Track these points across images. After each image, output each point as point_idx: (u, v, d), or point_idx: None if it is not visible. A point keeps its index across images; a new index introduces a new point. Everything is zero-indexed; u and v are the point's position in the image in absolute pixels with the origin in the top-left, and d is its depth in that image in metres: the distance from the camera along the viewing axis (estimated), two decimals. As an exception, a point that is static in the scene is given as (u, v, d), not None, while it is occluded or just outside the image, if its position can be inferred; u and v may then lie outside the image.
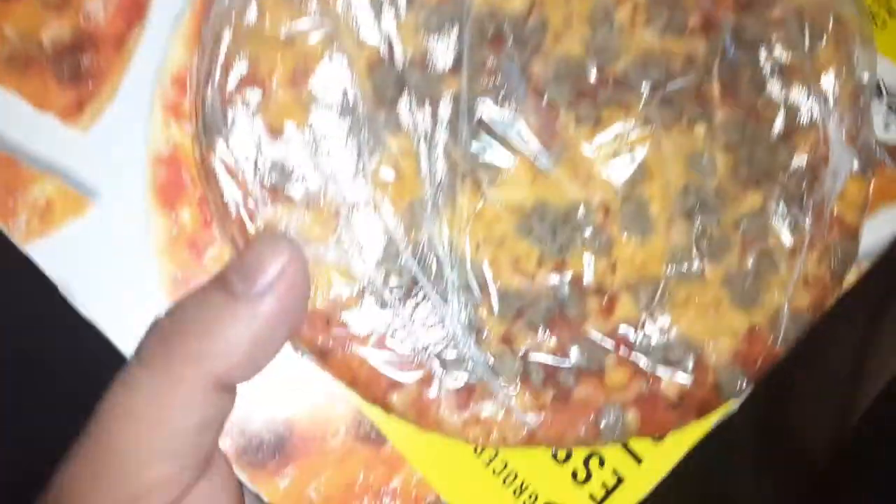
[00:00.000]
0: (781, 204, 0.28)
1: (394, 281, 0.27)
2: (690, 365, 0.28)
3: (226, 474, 0.27)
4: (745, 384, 0.28)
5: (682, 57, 0.28)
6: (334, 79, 0.27)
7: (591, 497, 0.29)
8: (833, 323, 0.29)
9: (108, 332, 0.27)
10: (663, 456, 0.29)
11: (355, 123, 0.27)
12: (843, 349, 0.36)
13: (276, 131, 0.26)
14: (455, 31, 0.27)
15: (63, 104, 0.27)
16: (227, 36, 0.26)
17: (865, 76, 0.29)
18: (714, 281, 0.28)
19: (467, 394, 0.27)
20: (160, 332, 0.24)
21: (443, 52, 0.27)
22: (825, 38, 0.28)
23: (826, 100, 0.28)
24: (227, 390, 0.24)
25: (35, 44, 0.27)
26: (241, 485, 0.27)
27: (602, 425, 0.28)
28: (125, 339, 0.27)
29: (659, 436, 0.29)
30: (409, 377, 0.27)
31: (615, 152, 0.28)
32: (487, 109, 0.28)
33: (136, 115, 0.27)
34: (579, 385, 0.27)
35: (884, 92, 0.31)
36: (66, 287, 0.27)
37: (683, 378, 0.28)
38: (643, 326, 0.28)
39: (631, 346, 0.28)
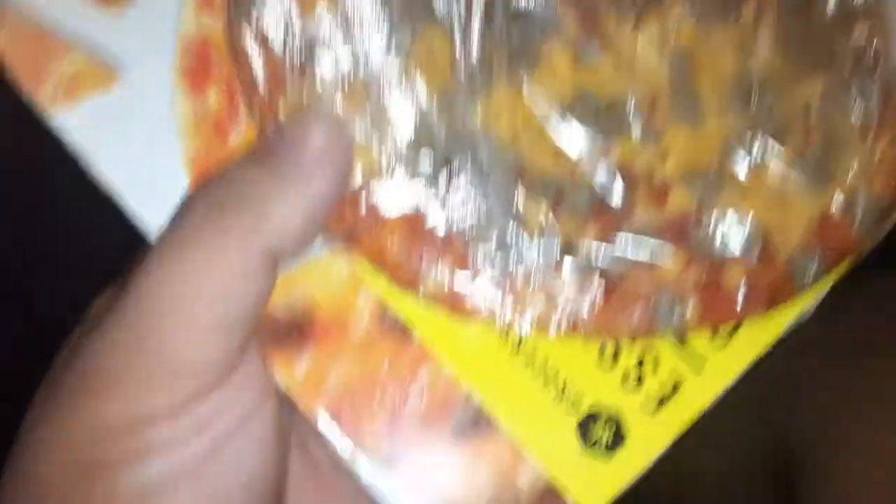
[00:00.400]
0: (844, 87, 0.27)
1: (427, 158, 0.26)
2: (756, 252, 0.26)
3: (261, 363, 0.25)
4: (821, 270, 0.26)
5: None
6: None
7: (643, 406, 0.27)
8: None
9: (128, 200, 0.26)
10: (728, 361, 0.26)
11: (387, 3, 0.27)
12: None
13: (307, 8, 0.27)
14: None
15: (93, -9, 0.28)
16: None
17: None
18: (777, 164, 0.26)
19: (507, 278, 0.26)
20: (208, 202, 0.23)
21: None
22: None
23: None
24: (275, 266, 0.23)
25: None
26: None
27: (658, 312, 0.26)
28: (144, 209, 0.26)
29: (725, 329, 0.26)
30: (444, 259, 0.26)
31: (660, 46, 0.27)
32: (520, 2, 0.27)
33: (168, 4, 0.28)
34: (630, 273, 0.26)
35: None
36: (88, 157, 0.26)
37: (749, 263, 0.26)
38: (700, 215, 0.26)
39: (687, 236, 0.26)
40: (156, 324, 0.21)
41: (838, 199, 0.26)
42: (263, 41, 0.27)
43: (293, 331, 0.27)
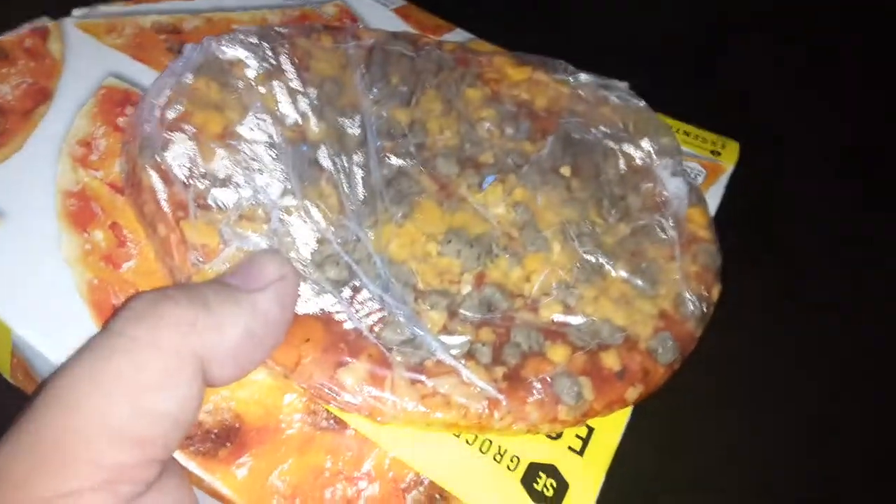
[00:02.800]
0: (649, 225, 0.34)
1: (331, 272, 0.28)
2: (620, 339, 0.30)
3: (182, 476, 0.23)
4: (675, 348, 0.30)
5: (533, 150, 0.36)
6: (261, 127, 0.31)
7: (570, 452, 0.28)
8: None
9: (17, 328, 0.24)
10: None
11: (281, 155, 0.31)
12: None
13: (208, 157, 0.30)
14: (358, 117, 0.34)
15: (-31, 151, 0.28)
16: (167, 91, 0.31)
17: (666, 139, 0.38)
18: (616, 281, 0.32)
19: (420, 370, 0.27)
20: (143, 303, 0.21)
21: (350, 127, 0.34)
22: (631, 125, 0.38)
23: (649, 151, 0.37)
24: (204, 386, 0.22)
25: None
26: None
27: (559, 391, 0.28)
28: (37, 338, 0.24)
29: (615, 408, 0.29)
30: (360, 356, 0.26)
31: (503, 200, 0.33)
32: (393, 161, 0.33)
33: (44, 161, 0.29)
34: (526, 362, 0.28)
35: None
36: None
37: (618, 349, 0.30)
38: (569, 315, 0.30)
39: (564, 333, 0.29)
40: (73, 426, 0.19)
41: (670, 300, 0.32)
42: (167, 179, 0.28)
43: (224, 437, 0.24)
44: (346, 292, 0.28)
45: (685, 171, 0.37)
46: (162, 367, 0.20)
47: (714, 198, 0.40)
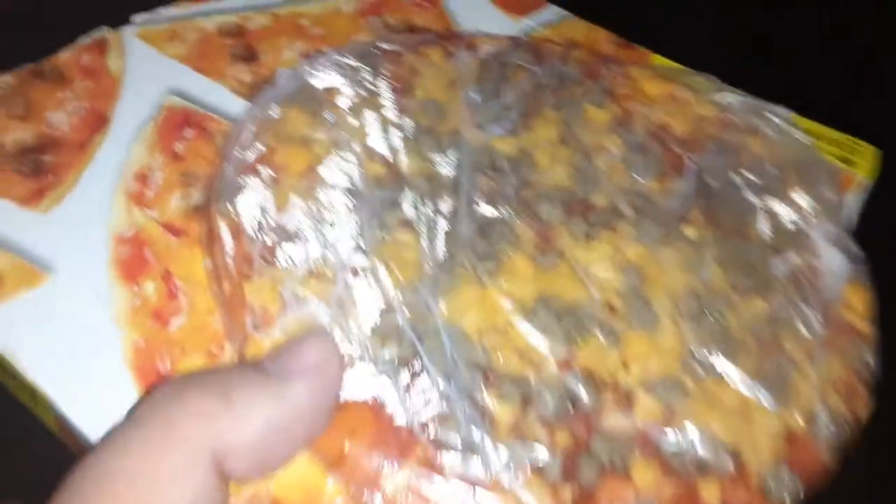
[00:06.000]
0: (789, 308, 0.29)
1: (390, 350, 0.26)
2: (730, 465, 0.26)
3: None
4: (795, 486, 0.26)
5: (659, 191, 0.32)
6: (343, 169, 0.29)
7: None
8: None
9: (58, 400, 0.24)
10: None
11: (360, 203, 0.28)
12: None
13: (282, 204, 0.28)
14: (453, 153, 0.31)
15: (21, 193, 0.27)
16: (250, 126, 0.29)
17: (829, 192, 0.32)
18: (734, 380, 0.27)
19: (471, 486, 0.24)
20: (166, 391, 0.22)
21: (443, 165, 0.31)
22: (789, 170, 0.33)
23: (802, 208, 0.31)
24: (223, 479, 0.21)
25: (-3, 144, 0.28)
26: None
27: None
28: (77, 410, 0.24)
29: None
30: (407, 459, 0.24)
31: (611, 257, 0.30)
32: (482, 211, 0.30)
33: (98, 201, 0.28)
34: (604, 482, 0.25)
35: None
36: (13, 357, 0.24)
37: (722, 478, 0.25)
38: (668, 424, 0.26)
39: (657, 445, 0.26)
40: None
41: (802, 416, 0.27)
42: (236, 230, 0.27)
43: None
44: (404, 377, 0.25)
45: (849, 238, 0.31)
46: (175, 461, 0.20)
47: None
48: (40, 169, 0.28)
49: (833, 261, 0.30)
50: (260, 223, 0.27)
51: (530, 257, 0.30)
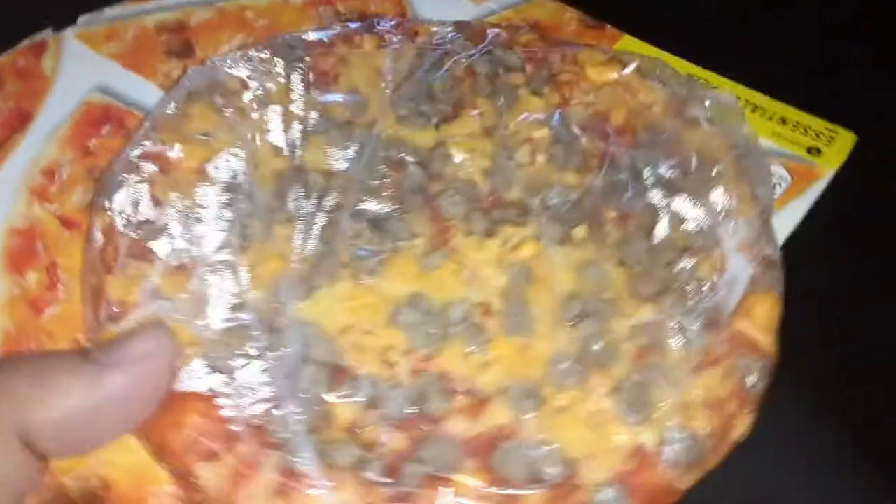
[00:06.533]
0: (676, 315, 0.27)
1: (233, 346, 0.26)
2: (557, 477, 0.24)
3: None
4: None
5: (576, 185, 0.31)
6: (231, 165, 0.29)
7: None
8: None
9: None
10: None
11: (240, 198, 0.29)
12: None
13: (159, 201, 0.28)
14: (357, 147, 0.31)
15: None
16: (147, 123, 0.30)
17: (761, 190, 0.30)
18: (598, 391, 0.26)
19: (289, 479, 0.24)
20: None
21: (341, 160, 0.31)
22: (717, 166, 0.30)
23: (715, 210, 0.29)
24: (35, 456, 0.22)
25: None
26: None
27: None
28: None
29: None
30: (227, 457, 0.24)
31: (501, 258, 0.29)
32: (374, 208, 0.30)
33: (2, 196, 0.30)
34: (425, 489, 0.24)
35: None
36: None
37: (548, 494, 0.24)
38: (512, 433, 0.25)
39: (492, 454, 0.25)
40: None
41: (655, 433, 0.25)
42: (109, 224, 0.28)
43: None
44: (242, 373, 0.25)
45: (767, 242, 0.28)
46: None
47: (791, 218, 0.32)
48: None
49: (737, 266, 0.28)
50: (129, 219, 0.28)
51: (416, 256, 0.29)
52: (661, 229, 0.29)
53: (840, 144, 0.34)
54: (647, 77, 0.33)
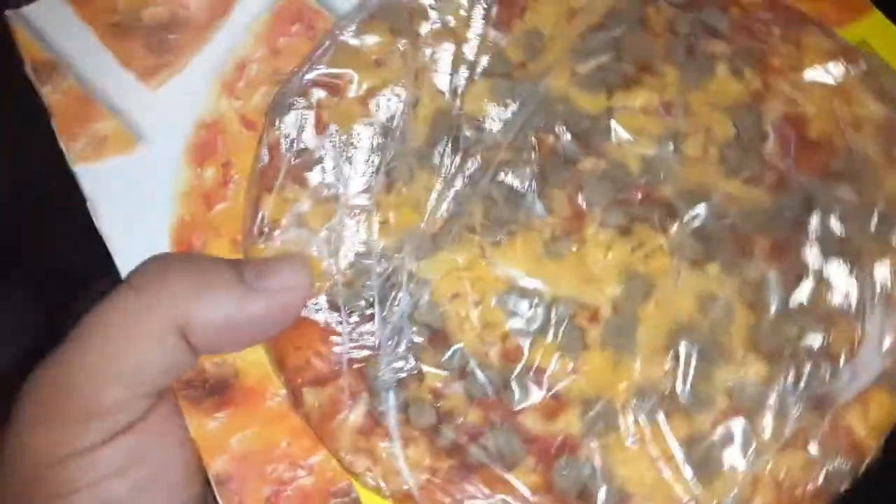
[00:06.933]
0: (780, 385, 0.26)
1: (356, 290, 0.28)
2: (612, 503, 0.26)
3: (175, 416, 0.28)
4: None
5: (738, 203, 0.29)
6: (391, 104, 0.30)
7: None
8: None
9: (115, 251, 0.31)
10: None
11: (390, 142, 0.30)
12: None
13: (321, 129, 0.30)
14: (516, 105, 0.30)
15: (143, 67, 0.33)
16: (325, 42, 0.31)
17: None
18: (672, 434, 0.26)
19: (372, 423, 0.27)
20: (161, 263, 0.28)
21: (497, 116, 0.30)
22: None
23: (873, 288, 0.27)
24: (189, 345, 0.26)
25: (136, 18, 0.34)
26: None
27: None
28: (126, 261, 0.30)
29: None
30: (329, 381, 0.28)
31: (627, 263, 0.28)
32: (516, 177, 0.30)
33: (197, 86, 0.33)
34: (483, 469, 0.26)
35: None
36: (94, 207, 0.31)
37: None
38: (577, 447, 0.26)
39: (553, 460, 0.26)
40: (84, 364, 0.26)
41: (713, 497, 0.25)
42: (275, 142, 0.30)
43: (217, 389, 0.30)
44: (356, 317, 0.28)
45: None
46: (153, 326, 0.26)
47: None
48: (164, 47, 0.33)
49: (869, 355, 0.26)
50: (292, 143, 0.30)
51: (544, 238, 0.29)
52: (802, 293, 0.27)
53: None
54: (870, 86, 0.29)
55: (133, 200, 0.32)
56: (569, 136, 0.30)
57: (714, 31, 0.31)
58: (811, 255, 0.27)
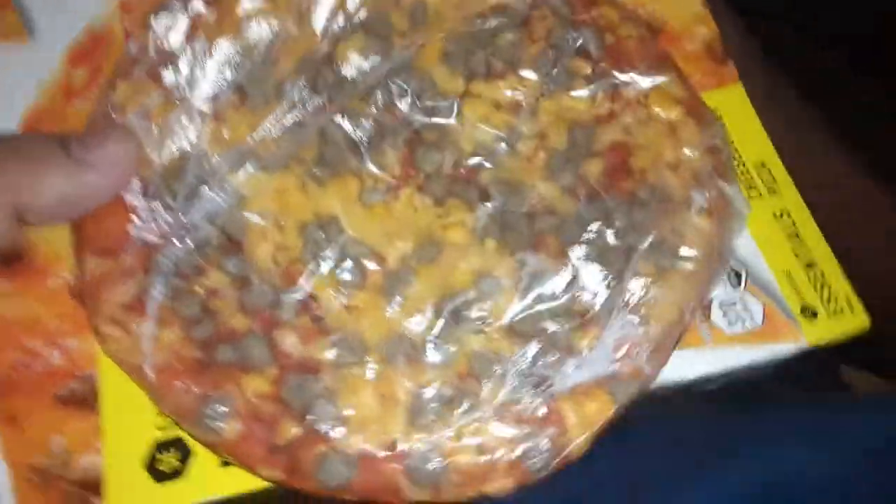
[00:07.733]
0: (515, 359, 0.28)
1: (167, 183, 0.30)
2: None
3: None
4: None
5: (546, 205, 0.31)
6: (262, 31, 0.32)
7: None
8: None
9: None
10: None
11: (245, 65, 0.31)
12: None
13: (190, 36, 0.31)
14: (379, 60, 0.32)
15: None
16: None
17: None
18: (406, 379, 0.28)
19: (138, 304, 0.28)
20: None
21: (357, 67, 0.32)
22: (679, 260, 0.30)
23: (623, 298, 0.29)
24: (20, 222, 0.27)
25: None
26: None
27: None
28: None
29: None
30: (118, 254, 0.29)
31: (428, 227, 0.30)
32: (350, 126, 0.31)
33: None
34: (223, 367, 0.28)
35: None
36: None
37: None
38: (319, 370, 0.28)
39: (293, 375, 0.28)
40: None
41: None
42: (145, 39, 0.31)
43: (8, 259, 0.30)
44: (159, 205, 0.29)
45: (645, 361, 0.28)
46: None
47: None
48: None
49: (597, 357, 0.28)
50: (157, 42, 0.31)
51: (360, 188, 0.30)
52: (559, 285, 0.29)
53: (845, 323, 0.30)
54: (703, 140, 0.31)
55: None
56: (417, 105, 0.31)
57: (585, 51, 0.33)
58: (578, 253, 0.29)
